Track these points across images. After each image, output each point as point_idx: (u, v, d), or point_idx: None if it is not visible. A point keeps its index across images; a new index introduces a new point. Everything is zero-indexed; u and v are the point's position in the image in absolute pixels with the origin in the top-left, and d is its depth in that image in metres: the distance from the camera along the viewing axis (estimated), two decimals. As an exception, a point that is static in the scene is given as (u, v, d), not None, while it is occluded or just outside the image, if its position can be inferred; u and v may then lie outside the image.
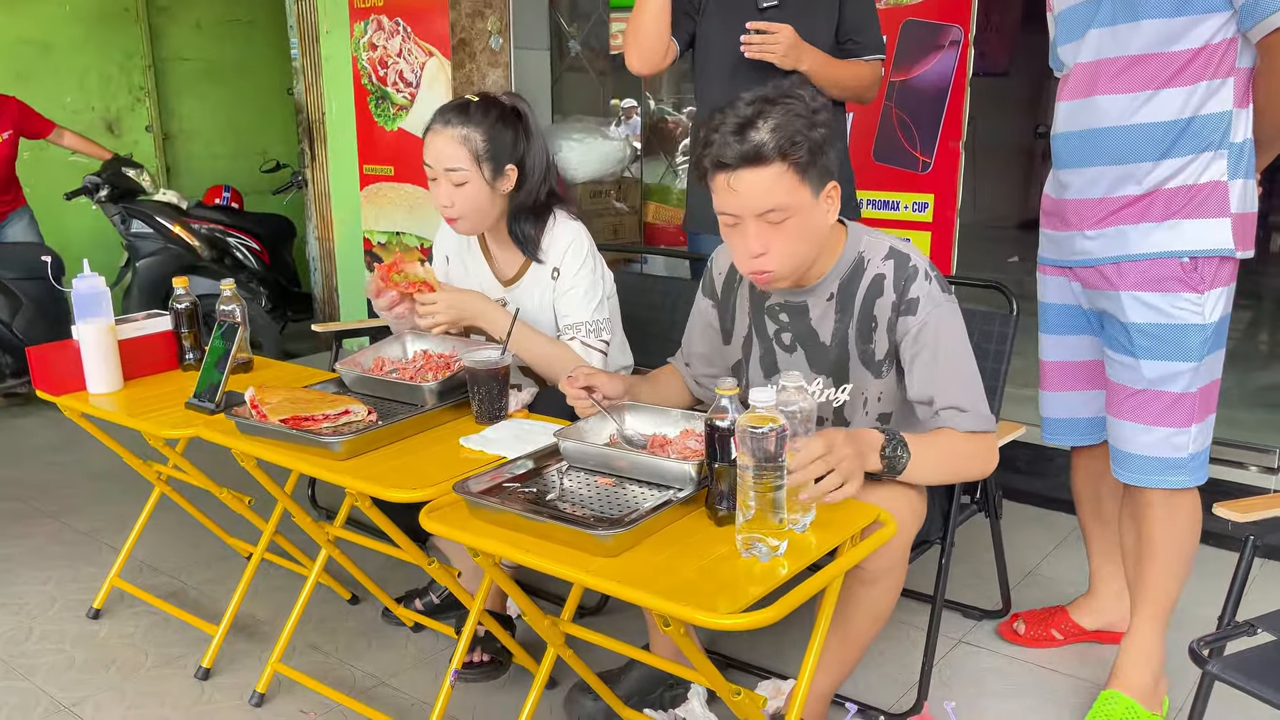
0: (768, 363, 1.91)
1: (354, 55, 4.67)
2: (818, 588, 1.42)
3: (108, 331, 2.24)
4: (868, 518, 1.57)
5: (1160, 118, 1.87)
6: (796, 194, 1.64)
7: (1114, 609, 2.32)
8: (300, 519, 2.14)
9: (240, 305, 2.33)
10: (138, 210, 4.87)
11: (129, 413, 2.13)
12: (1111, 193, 1.94)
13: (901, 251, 1.77)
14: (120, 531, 3.00)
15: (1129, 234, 1.93)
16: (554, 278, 2.21)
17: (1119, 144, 1.91)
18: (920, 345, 1.73)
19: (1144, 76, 1.87)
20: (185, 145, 6.40)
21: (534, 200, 2.20)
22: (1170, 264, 1.89)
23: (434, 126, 2.16)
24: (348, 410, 1.92)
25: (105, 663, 2.37)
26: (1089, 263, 2.00)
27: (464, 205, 2.15)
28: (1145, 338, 1.93)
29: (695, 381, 2.07)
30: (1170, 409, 1.94)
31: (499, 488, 1.64)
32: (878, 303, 1.77)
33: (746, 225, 1.67)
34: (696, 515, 1.57)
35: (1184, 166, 1.87)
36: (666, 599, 1.33)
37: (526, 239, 2.21)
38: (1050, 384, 2.21)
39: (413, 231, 4.67)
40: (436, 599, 2.47)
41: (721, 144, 1.64)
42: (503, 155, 2.14)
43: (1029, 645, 2.35)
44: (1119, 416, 2.00)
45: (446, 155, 2.12)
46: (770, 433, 1.38)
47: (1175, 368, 1.92)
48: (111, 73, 5.98)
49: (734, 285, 1.96)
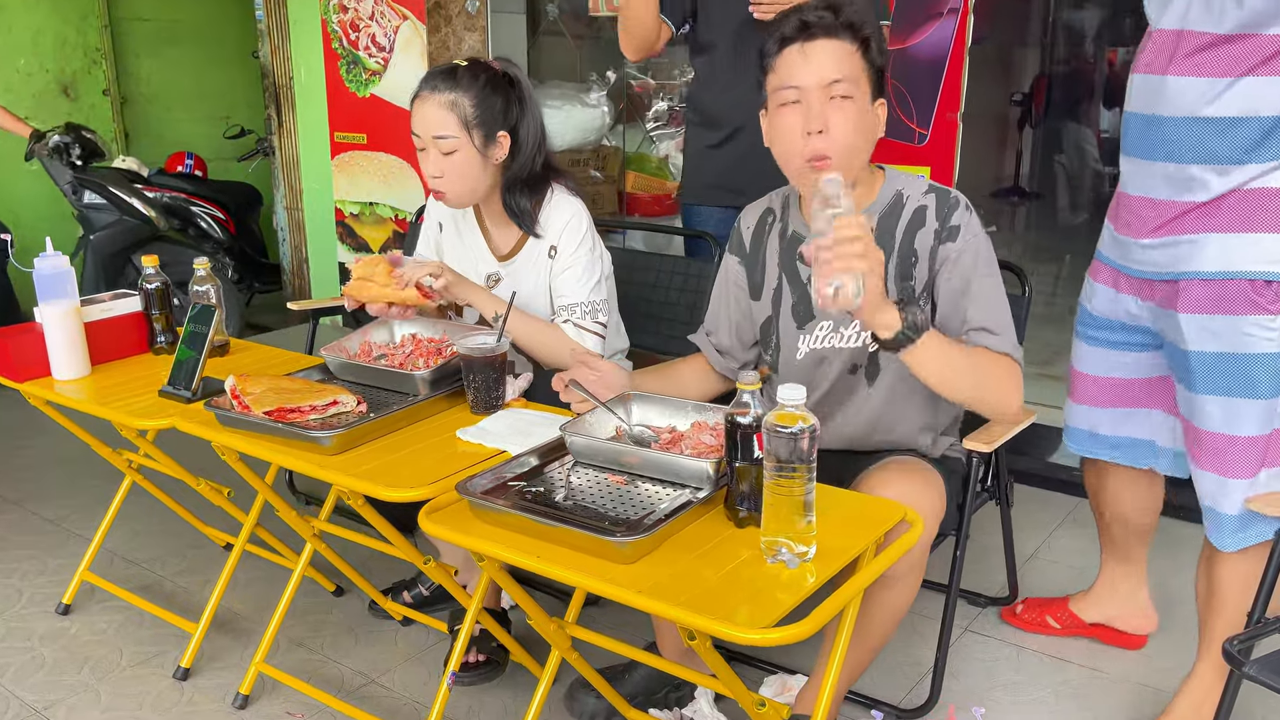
0: (801, 310, 1.84)
1: (323, 18, 4.49)
2: (850, 596, 1.34)
3: (73, 314, 2.11)
4: (894, 515, 1.50)
5: (1240, 111, 1.61)
6: (860, 79, 1.67)
7: (1115, 602, 2.23)
8: (285, 513, 2.03)
9: (215, 285, 2.20)
10: (89, 180, 4.57)
11: (98, 401, 2.01)
12: (1172, 196, 1.71)
13: (941, 188, 1.76)
14: (90, 520, 2.88)
15: (1189, 245, 1.70)
16: (551, 256, 2.11)
17: (1183, 139, 1.67)
18: (957, 269, 1.71)
19: (1228, 60, 1.61)
20: (144, 110, 6.16)
21: (529, 171, 2.09)
22: (1240, 283, 1.66)
23: (421, 93, 2.04)
24: (336, 400, 1.81)
25: (77, 662, 2.25)
26: (1148, 275, 1.79)
27: (453, 175, 2.03)
28: (1206, 369, 1.70)
29: (717, 351, 1.99)
30: (1234, 454, 1.72)
31: (503, 486, 1.54)
32: (919, 234, 1.73)
33: (809, 100, 1.65)
34: (714, 516, 1.48)
35: (1263, 171, 1.63)
36: (692, 611, 1.25)
37: (521, 212, 2.10)
38: (1081, 395, 2.03)
39: (387, 202, 4.53)
40: (426, 591, 2.37)
41: (804, 13, 1.67)
42: (494, 121, 2.03)
43: (1024, 628, 2.29)
44: (1198, 465, 1.78)
45: (434, 122, 2.01)
46: (801, 433, 1.29)
47: (1243, 406, 1.68)
48: (67, 34, 5.73)
49: (764, 236, 1.91)
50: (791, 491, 1.32)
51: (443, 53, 4.21)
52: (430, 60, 4.20)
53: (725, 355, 1.99)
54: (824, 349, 1.82)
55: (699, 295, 2.48)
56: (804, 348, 1.84)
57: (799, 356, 1.85)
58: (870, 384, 1.81)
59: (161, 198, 5.20)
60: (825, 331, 1.82)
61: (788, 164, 1.73)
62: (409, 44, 4.23)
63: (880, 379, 1.81)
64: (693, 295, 2.55)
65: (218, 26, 6.29)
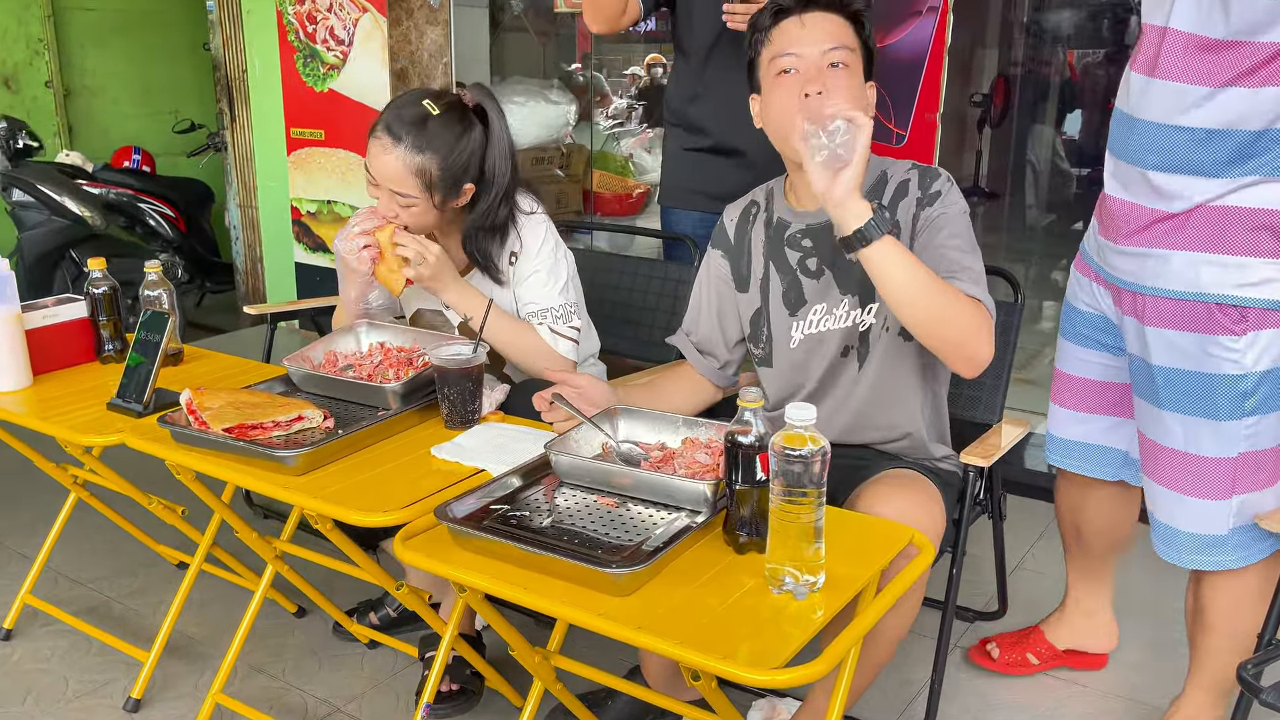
0: (792, 297, 1.80)
1: (279, 9, 4.33)
2: (863, 630, 1.26)
3: (13, 321, 1.97)
4: (900, 538, 1.42)
5: (1212, 123, 1.53)
6: (855, 52, 1.68)
7: (1083, 627, 2.15)
8: (244, 534, 1.91)
9: (168, 290, 2.08)
10: (17, 178, 4.34)
11: (40, 415, 1.87)
12: (1144, 201, 1.64)
13: (926, 165, 1.75)
14: (32, 537, 2.72)
15: (1158, 260, 1.63)
16: (511, 263, 2.00)
17: (1157, 145, 1.59)
18: (934, 228, 1.69)
19: (1213, 66, 1.51)
20: (89, 102, 5.94)
21: (491, 220, 1.95)
22: (1206, 306, 1.59)
23: (381, 138, 1.86)
24: (301, 416, 1.70)
25: (20, 692, 2.11)
26: (1119, 283, 1.73)
27: (413, 225, 1.92)
28: (1169, 385, 1.65)
29: (698, 351, 1.93)
30: (1201, 475, 1.66)
31: (485, 510, 1.44)
32: (902, 204, 1.72)
33: (807, 67, 1.65)
34: (711, 541, 1.39)
35: (1239, 188, 1.54)
36: (696, 649, 1.16)
37: (485, 259, 1.98)
38: (1063, 398, 1.96)
39: (345, 200, 4.38)
40: (393, 612, 2.26)
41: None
42: (460, 178, 1.90)
43: (1004, 671, 2.15)
44: (1153, 478, 1.74)
45: (393, 177, 1.86)
46: (812, 456, 1.21)
47: (1204, 426, 1.63)
48: (7, 24, 5.49)
49: (748, 227, 1.87)
50: (800, 517, 1.23)
51: (404, 47, 4.08)
52: (391, 55, 4.07)
53: (706, 355, 1.92)
54: (818, 333, 1.77)
55: (678, 300, 2.40)
56: (798, 334, 1.80)
57: (793, 345, 1.80)
58: (860, 367, 1.77)
59: (107, 194, 5.00)
60: (818, 315, 1.77)
61: (784, 129, 1.65)
62: (369, 37, 4.09)
63: (869, 362, 1.76)
64: (670, 300, 2.46)
65: (166, 16, 6.08)
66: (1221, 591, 1.76)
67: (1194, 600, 1.83)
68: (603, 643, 2.13)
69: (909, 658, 2.17)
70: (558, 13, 4.77)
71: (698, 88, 2.45)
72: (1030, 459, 3.04)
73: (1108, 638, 2.16)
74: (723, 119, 2.39)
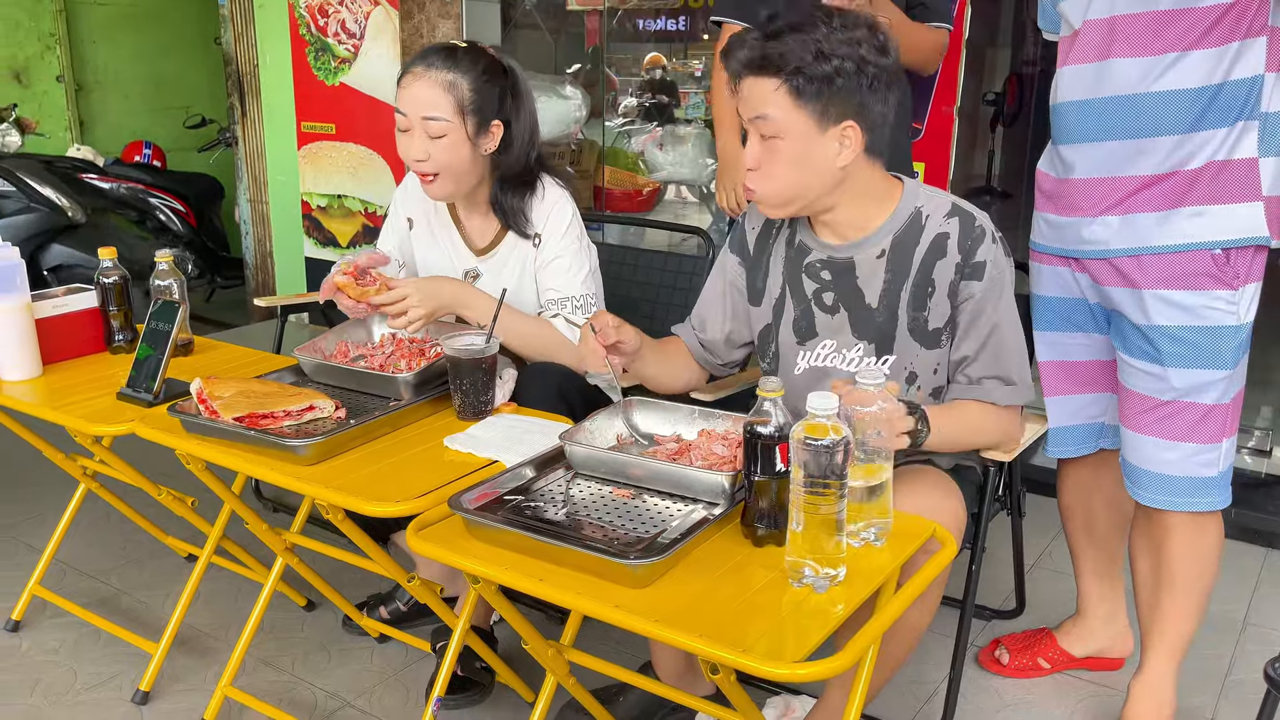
0: (802, 326, 1.74)
1: (290, 3, 4.31)
2: (884, 625, 1.23)
3: (23, 310, 1.96)
4: (922, 532, 1.39)
5: (1187, 84, 1.63)
6: (791, 116, 1.54)
7: (1104, 633, 2.13)
8: (254, 526, 1.89)
9: (179, 280, 2.07)
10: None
11: (50, 405, 1.86)
12: (1126, 171, 1.71)
13: (966, 210, 1.64)
14: (41, 527, 2.71)
15: (1148, 221, 1.70)
16: (535, 245, 1.99)
17: (1138, 115, 1.68)
18: (980, 311, 1.62)
19: (1171, 36, 1.63)
20: (101, 97, 5.94)
21: (521, 166, 1.96)
22: (1201, 256, 1.67)
23: (413, 69, 1.90)
24: (312, 405, 1.68)
25: (28, 684, 2.09)
26: (1101, 254, 1.77)
27: (441, 159, 1.89)
28: (1173, 342, 1.70)
29: (701, 346, 1.88)
30: (1201, 423, 1.72)
31: (499, 501, 1.42)
32: (939, 264, 1.62)
33: (751, 134, 1.60)
34: (728, 534, 1.37)
35: (1210, 141, 1.65)
36: (714, 642, 1.13)
37: (511, 210, 1.97)
38: (1053, 387, 1.97)
39: (356, 194, 4.37)
40: (404, 606, 2.24)
41: (741, 46, 1.58)
42: (489, 109, 1.90)
43: (1013, 676, 2.12)
44: (1139, 430, 1.78)
45: (426, 101, 1.87)
46: (835, 446, 1.18)
47: (1208, 376, 1.70)
48: (19, 18, 5.49)
49: (769, 242, 1.79)
50: (821, 509, 1.21)
51: (416, 40, 4.06)
52: (403, 48, 4.05)
53: (709, 352, 1.89)
54: (824, 367, 1.72)
55: (690, 294, 2.38)
56: (803, 363, 1.74)
57: (797, 371, 1.75)
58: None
59: (118, 189, 5.01)
60: (828, 350, 1.72)
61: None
62: (381, 30, 4.07)
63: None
64: (684, 293, 2.43)
65: (178, 11, 6.09)
66: (1190, 548, 1.80)
67: (1152, 564, 1.87)
68: (615, 638, 2.12)
69: (924, 656, 2.15)
70: (570, 10, 4.76)
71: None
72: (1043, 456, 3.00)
73: (1126, 641, 2.13)
74: None
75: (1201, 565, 1.81)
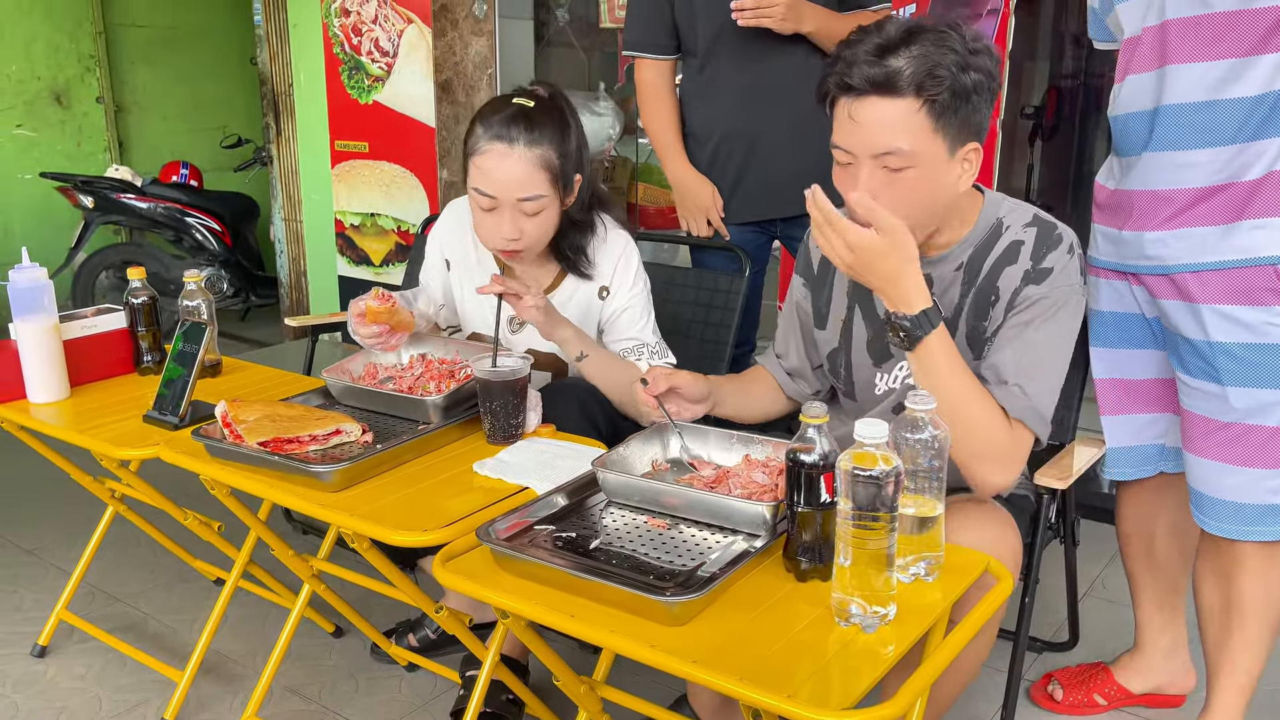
0: (877, 347, 1.64)
1: (324, 21, 4.32)
2: (937, 669, 1.16)
3: (51, 332, 1.93)
4: (976, 567, 1.32)
5: (1248, 92, 1.56)
6: (926, 142, 1.38)
7: (1164, 669, 2.02)
8: (280, 553, 1.84)
9: (207, 300, 2.03)
10: None
11: (77, 427, 1.83)
12: (1185, 184, 1.63)
13: (1047, 220, 1.54)
14: (69, 550, 2.69)
15: (1208, 235, 1.62)
16: (602, 297, 1.93)
17: (1198, 124, 1.60)
18: (1027, 317, 1.48)
19: (1232, 40, 1.55)
20: (139, 118, 5.99)
21: (585, 208, 1.89)
22: (1264, 271, 1.58)
23: (494, 146, 1.74)
24: (339, 430, 1.63)
25: (54, 711, 2.06)
26: (1160, 270, 1.69)
27: (534, 235, 1.80)
28: (1233, 360, 1.62)
29: (789, 376, 1.80)
30: (1265, 446, 1.63)
31: (529, 530, 1.36)
32: (1006, 271, 1.51)
33: (859, 167, 1.42)
34: (769, 567, 1.30)
35: (1268, 150, 1.56)
36: (756, 686, 1.06)
37: (576, 254, 1.90)
38: (1107, 406, 1.89)
39: (389, 213, 4.35)
40: (433, 634, 2.18)
41: (852, 63, 1.39)
42: (571, 169, 1.81)
43: (1068, 714, 2.02)
44: (1200, 454, 1.69)
45: (521, 182, 1.74)
46: (885, 477, 1.11)
47: (1270, 396, 1.61)
48: (60, 40, 5.56)
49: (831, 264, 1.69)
50: (869, 543, 1.14)
51: (449, 58, 4.04)
52: (436, 66, 4.04)
53: (796, 379, 1.80)
54: (905, 389, 1.62)
55: (725, 311, 2.32)
56: (883, 384, 1.65)
57: (878, 392, 1.66)
58: None
59: (155, 209, 5.04)
60: (907, 371, 1.62)
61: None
62: (414, 48, 4.06)
63: None
64: (720, 311, 2.37)
65: (215, 32, 6.14)
66: (1261, 580, 1.71)
67: (1220, 595, 1.77)
68: (649, 669, 2.05)
69: (974, 690, 2.05)
70: (603, 27, 4.73)
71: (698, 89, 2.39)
72: (1095, 480, 2.90)
73: (1188, 678, 2.03)
74: (720, 118, 2.35)
75: (1274, 598, 1.72)
